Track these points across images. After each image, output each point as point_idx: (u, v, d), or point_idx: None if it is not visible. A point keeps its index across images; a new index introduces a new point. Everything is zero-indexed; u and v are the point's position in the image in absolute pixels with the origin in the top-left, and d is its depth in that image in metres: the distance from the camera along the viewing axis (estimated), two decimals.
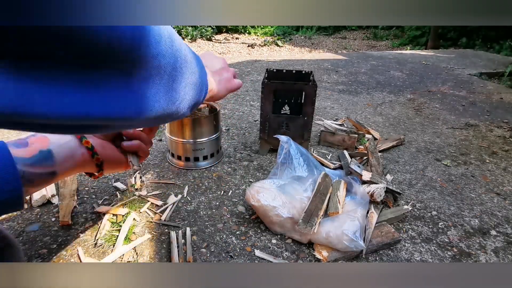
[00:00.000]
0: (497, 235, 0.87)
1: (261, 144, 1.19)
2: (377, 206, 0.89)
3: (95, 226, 0.81)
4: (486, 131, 1.56)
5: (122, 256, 0.73)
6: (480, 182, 1.11)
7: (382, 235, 0.80)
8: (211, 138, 1.07)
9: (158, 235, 0.79)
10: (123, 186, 0.97)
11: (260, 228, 0.83)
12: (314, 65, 2.76)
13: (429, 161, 1.24)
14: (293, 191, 0.84)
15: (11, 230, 0.78)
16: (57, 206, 0.87)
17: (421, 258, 0.78)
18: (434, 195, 1.02)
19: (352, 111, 1.72)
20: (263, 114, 1.12)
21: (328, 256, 0.73)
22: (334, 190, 0.87)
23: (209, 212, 0.89)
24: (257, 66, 2.58)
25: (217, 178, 1.04)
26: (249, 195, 0.82)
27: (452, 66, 2.97)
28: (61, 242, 0.76)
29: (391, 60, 3.14)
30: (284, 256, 0.76)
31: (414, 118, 1.67)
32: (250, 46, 4.90)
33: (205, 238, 0.79)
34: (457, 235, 0.86)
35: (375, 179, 0.92)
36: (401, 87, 2.21)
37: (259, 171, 1.10)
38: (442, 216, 0.93)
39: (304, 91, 1.08)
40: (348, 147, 1.25)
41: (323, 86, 2.13)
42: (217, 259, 0.74)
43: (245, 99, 1.80)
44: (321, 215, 0.79)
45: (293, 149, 0.95)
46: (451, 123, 1.63)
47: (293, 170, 0.92)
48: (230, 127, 1.44)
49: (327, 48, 5.09)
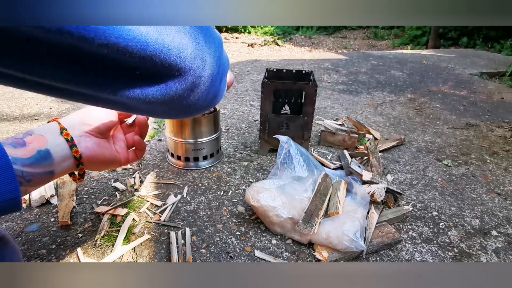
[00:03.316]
0: (498, 236, 0.87)
1: (261, 144, 1.18)
2: (378, 206, 0.88)
3: (94, 227, 0.81)
4: (487, 131, 1.55)
5: (121, 257, 0.73)
6: (481, 182, 1.11)
7: (383, 236, 0.80)
8: (211, 138, 1.07)
9: (157, 236, 0.79)
10: (123, 186, 0.97)
11: (260, 229, 0.83)
12: (314, 64, 2.75)
13: (430, 161, 1.23)
14: (293, 191, 0.84)
15: (10, 231, 0.78)
16: (56, 206, 0.87)
17: (421, 258, 0.77)
18: (434, 195, 1.02)
19: (353, 111, 1.71)
20: (263, 114, 1.12)
21: (328, 257, 0.73)
22: (335, 190, 0.87)
23: (208, 212, 0.88)
24: (257, 66, 2.57)
25: (217, 178, 1.04)
26: (249, 195, 0.82)
27: (452, 66, 2.97)
28: (60, 243, 0.76)
29: (391, 59, 3.13)
30: (284, 257, 0.75)
31: (414, 118, 1.66)
32: (250, 45, 4.90)
33: (205, 239, 0.79)
34: (457, 235, 0.86)
35: (375, 179, 0.92)
36: (401, 87, 2.21)
37: (259, 171, 1.10)
38: (443, 217, 0.93)
39: (304, 91, 1.08)
40: (348, 147, 1.25)
41: (323, 86, 2.13)
42: (217, 259, 0.74)
43: (245, 99, 1.80)
44: (321, 215, 0.79)
45: (293, 149, 0.94)
46: (452, 123, 1.62)
47: (293, 170, 0.92)
48: (230, 127, 1.43)
49: (327, 48, 5.09)
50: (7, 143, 0.40)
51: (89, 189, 0.95)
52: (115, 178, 1.01)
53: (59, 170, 0.45)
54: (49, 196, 0.88)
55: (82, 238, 0.77)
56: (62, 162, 0.45)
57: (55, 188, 0.93)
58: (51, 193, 0.90)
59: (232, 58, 2.84)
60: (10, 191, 0.37)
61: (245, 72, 2.37)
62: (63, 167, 0.45)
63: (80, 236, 0.78)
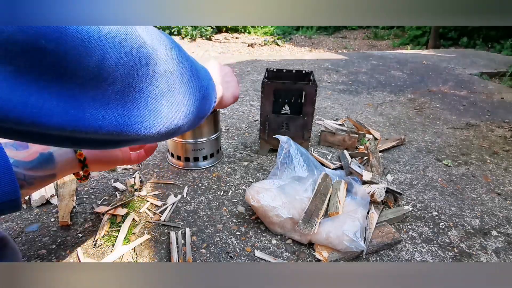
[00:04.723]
0: (498, 236, 0.87)
1: (261, 144, 1.18)
2: (378, 206, 0.88)
3: (94, 227, 0.81)
4: (487, 131, 1.55)
5: (121, 257, 0.73)
6: (481, 182, 1.11)
7: (383, 236, 0.80)
8: (211, 138, 1.07)
9: (157, 236, 0.79)
10: (123, 186, 0.97)
11: (260, 229, 0.83)
12: (314, 64, 2.75)
13: (430, 161, 1.23)
14: (293, 191, 0.84)
15: (10, 231, 0.78)
16: (56, 206, 0.87)
17: (421, 258, 0.77)
18: (434, 195, 1.02)
19: (353, 111, 1.71)
20: (263, 114, 1.12)
21: (328, 257, 0.73)
22: (335, 190, 0.87)
23: (208, 212, 0.88)
24: (257, 66, 2.57)
25: (216, 178, 1.04)
26: (249, 195, 0.82)
27: (452, 66, 2.97)
28: (60, 243, 0.76)
29: (391, 59, 3.13)
30: (284, 257, 0.75)
31: (414, 118, 1.66)
32: (250, 45, 4.90)
33: (205, 239, 0.79)
34: (457, 235, 0.86)
35: (375, 179, 0.92)
36: (401, 87, 2.21)
37: (259, 171, 1.10)
38: (443, 217, 0.93)
39: (304, 91, 1.08)
40: (348, 147, 1.25)
41: (324, 86, 2.13)
42: (217, 259, 0.74)
43: (245, 99, 1.80)
44: (321, 215, 0.79)
45: (293, 149, 0.94)
46: (452, 123, 1.62)
47: (293, 170, 0.92)
48: (230, 127, 1.43)
49: (327, 48, 5.09)
50: (9, 144, 0.40)
51: (89, 189, 0.95)
52: (115, 178, 1.01)
53: (61, 172, 0.45)
54: (49, 196, 0.88)
55: (82, 238, 0.77)
56: (65, 165, 0.45)
57: (55, 188, 0.93)
58: (51, 193, 0.90)
59: (232, 58, 2.84)
60: (10, 193, 0.37)
61: (245, 72, 2.37)
62: (66, 169, 0.45)
63: (80, 236, 0.78)
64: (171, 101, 0.31)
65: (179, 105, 0.32)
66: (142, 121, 0.28)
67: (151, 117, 0.29)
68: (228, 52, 4.48)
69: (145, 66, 0.26)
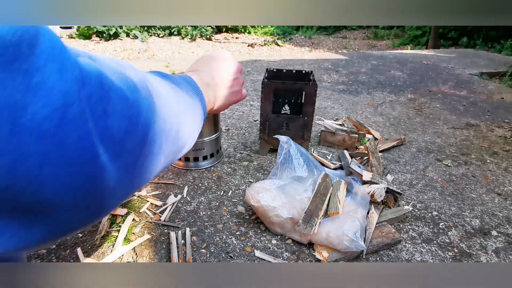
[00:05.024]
0: (498, 236, 0.87)
1: (261, 144, 1.18)
2: (378, 206, 0.88)
3: (94, 227, 0.81)
4: (487, 131, 1.55)
5: (121, 257, 0.73)
6: (481, 182, 1.11)
7: (383, 236, 0.80)
8: (211, 138, 1.07)
9: (157, 236, 0.79)
10: None
11: (260, 229, 0.83)
12: (314, 64, 2.75)
13: (430, 161, 1.23)
14: (293, 191, 0.84)
15: None
16: None
17: (421, 258, 0.77)
18: (434, 195, 1.02)
19: (353, 111, 1.71)
20: (263, 114, 1.12)
21: (328, 257, 0.73)
22: (335, 190, 0.87)
23: (208, 212, 0.88)
24: (257, 66, 2.57)
25: (217, 178, 1.04)
26: (249, 195, 0.82)
27: (452, 66, 2.97)
28: (60, 243, 0.76)
29: (391, 59, 3.13)
30: (284, 257, 0.75)
31: (414, 118, 1.66)
32: (250, 45, 4.90)
33: (205, 239, 0.79)
34: (457, 235, 0.86)
35: (375, 179, 0.92)
36: (401, 87, 2.21)
37: (259, 171, 1.10)
38: (443, 217, 0.93)
39: (304, 91, 1.08)
40: (348, 147, 1.25)
41: (324, 86, 2.13)
42: (217, 259, 0.74)
43: (245, 99, 1.80)
44: (321, 215, 0.79)
45: (293, 149, 0.94)
46: (451, 123, 1.62)
47: (293, 170, 0.92)
48: (230, 127, 1.43)
49: (327, 48, 5.09)
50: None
51: None
52: None
53: None
54: None
55: (82, 238, 0.77)
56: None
57: None
58: None
59: None
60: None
61: (245, 72, 2.37)
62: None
63: (80, 236, 0.78)
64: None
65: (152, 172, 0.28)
66: None
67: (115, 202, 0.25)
68: None
69: None
